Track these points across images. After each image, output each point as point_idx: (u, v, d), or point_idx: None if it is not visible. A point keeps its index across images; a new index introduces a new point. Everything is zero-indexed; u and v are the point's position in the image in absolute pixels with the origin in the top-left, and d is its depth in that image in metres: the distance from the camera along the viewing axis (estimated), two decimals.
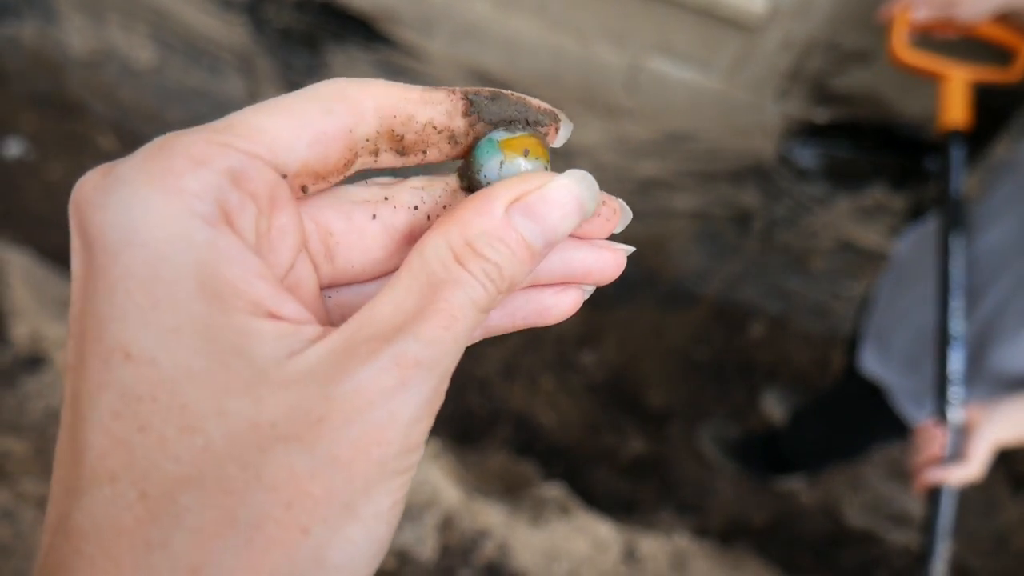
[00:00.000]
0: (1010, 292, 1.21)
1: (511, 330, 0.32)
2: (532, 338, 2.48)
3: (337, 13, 1.84)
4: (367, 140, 0.27)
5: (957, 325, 1.21)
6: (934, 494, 1.19)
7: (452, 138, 0.29)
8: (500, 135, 0.29)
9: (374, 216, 0.28)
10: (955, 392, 1.19)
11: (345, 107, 0.26)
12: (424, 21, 1.77)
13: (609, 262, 0.30)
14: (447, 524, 1.33)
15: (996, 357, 1.24)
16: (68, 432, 0.23)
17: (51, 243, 2.38)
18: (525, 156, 0.28)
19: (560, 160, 2.03)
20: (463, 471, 1.53)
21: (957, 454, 1.17)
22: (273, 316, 0.23)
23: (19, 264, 1.54)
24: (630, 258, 0.30)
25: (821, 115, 1.69)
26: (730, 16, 1.51)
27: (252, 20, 1.94)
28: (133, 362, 0.22)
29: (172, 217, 0.22)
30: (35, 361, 1.43)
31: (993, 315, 1.24)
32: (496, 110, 0.29)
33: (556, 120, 0.31)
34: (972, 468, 1.16)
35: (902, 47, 1.29)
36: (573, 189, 0.27)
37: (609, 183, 2.05)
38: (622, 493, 2.21)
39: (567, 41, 1.70)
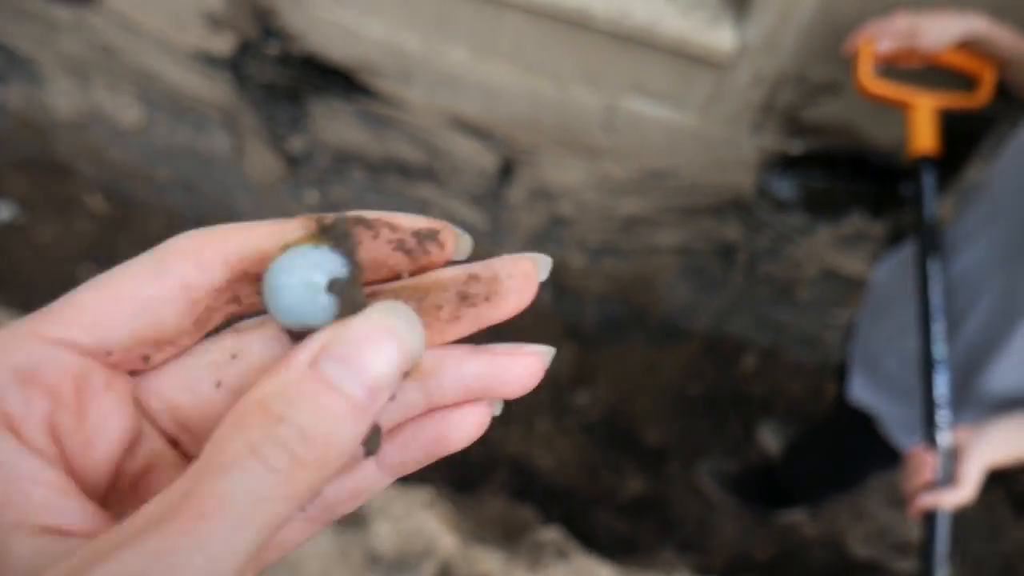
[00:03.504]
0: (990, 314, 1.22)
1: (414, 467, 0.28)
2: None
3: (318, 66, 1.87)
4: (218, 290, 0.24)
5: (940, 349, 1.21)
6: (929, 519, 1.18)
7: None
8: (282, 263, 0.24)
9: (218, 384, 0.25)
10: (943, 416, 1.19)
11: (180, 263, 0.24)
12: (402, 71, 1.80)
13: (519, 372, 0.26)
14: (444, 573, 1.32)
15: (983, 379, 1.25)
16: None
17: (38, 304, 2.38)
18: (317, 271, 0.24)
19: (543, 202, 2.05)
20: (459, 518, 1.52)
21: (949, 478, 1.17)
22: (46, 530, 0.20)
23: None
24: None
25: (796, 147, 1.72)
26: (700, 54, 1.54)
27: (235, 76, 1.97)
28: None
29: None
30: None
31: (976, 337, 1.25)
32: (351, 242, 0.26)
33: (435, 235, 0.27)
34: (964, 491, 1.15)
35: (868, 78, 1.32)
36: (382, 322, 0.22)
37: (593, 222, 2.06)
38: (622, 533, 2.19)
39: (543, 85, 1.73)
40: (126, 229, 2.60)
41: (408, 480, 2.16)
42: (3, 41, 2.16)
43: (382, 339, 0.22)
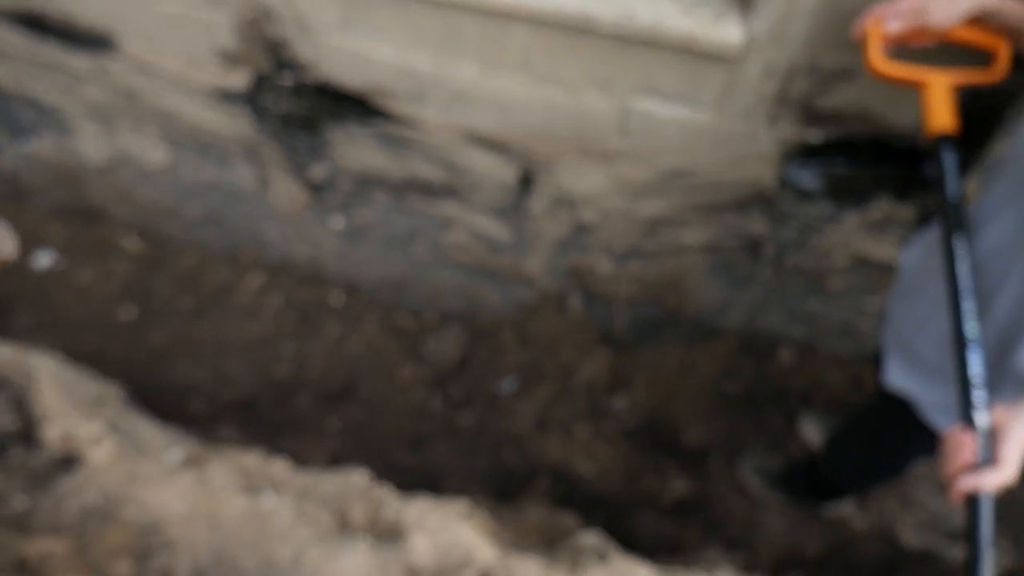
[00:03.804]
0: (1021, 289, 1.20)
1: None
2: (562, 389, 2.47)
3: (332, 94, 1.91)
4: None
5: (971, 328, 1.19)
6: (972, 502, 1.15)
7: None
8: None
9: None
10: (979, 396, 1.17)
11: None
12: (415, 92, 1.82)
13: None
14: None
15: (1018, 356, 1.22)
16: None
17: (83, 346, 2.45)
18: None
19: (565, 210, 2.05)
20: (498, 528, 1.52)
21: (989, 459, 1.15)
22: None
23: (47, 369, 1.59)
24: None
25: (814, 135, 1.70)
26: (709, 50, 1.54)
27: (253, 110, 2.01)
28: None
29: None
30: (68, 461, 1.47)
31: (1008, 314, 1.22)
32: None
33: None
34: (1006, 471, 1.13)
35: (879, 60, 1.30)
36: None
37: (617, 227, 2.06)
38: (667, 535, 2.17)
39: (555, 94, 1.74)
40: (161, 267, 2.66)
41: (444, 492, 2.17)
42: (30, 94, 2.23)
43: None
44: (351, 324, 2.59)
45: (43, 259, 2.65)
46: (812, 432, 2.27)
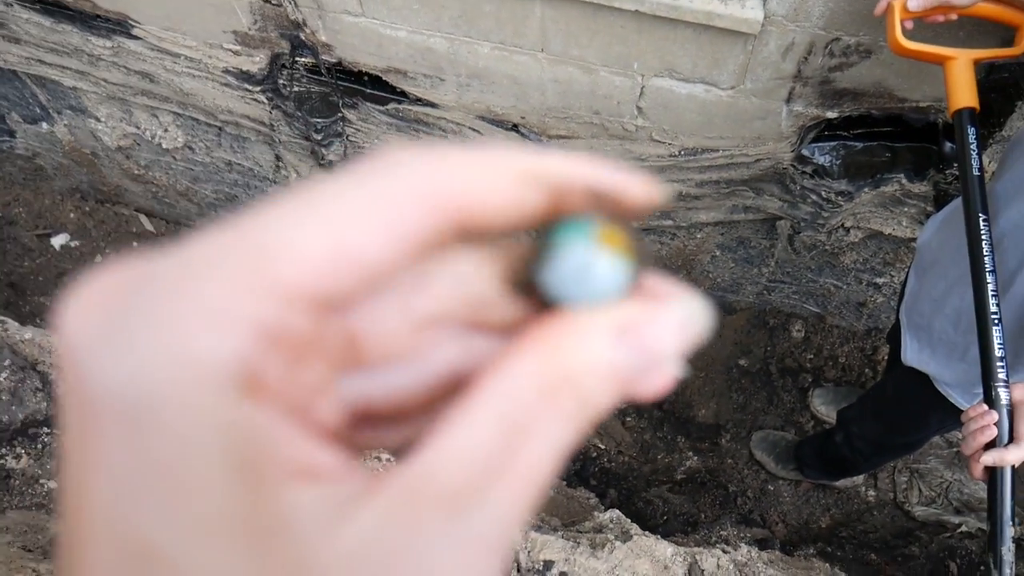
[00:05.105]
0: None
1: None
2: None
3: (348, 74, 1.90)
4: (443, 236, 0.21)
5: (994, 305, 1.20)
6: (993, 478, 1.17)
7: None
8: (585, 226, 0.22)
9: (400, 309, 0.22)
10: (1001, 372, 1.18)
11: (411, 209, 0.21)
12: (431, 71, 1.82)
13: (653, 380, 0.22)
14: (508, 561, 1.35)
15: None
16: None
17: None
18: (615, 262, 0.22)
19: None
20: None
21: (1010, 435, 1.16)
22: (312, 476, 0.20)
23: None
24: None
25: (832, 112, 1.70)
26: (727, 27, 1.53)
27: (269, 91, 2.01)
28: (149, 562, 0.18)
29: (188, 392, 0.18)
30: None
31: None
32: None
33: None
34: None
35: (902, 37, 1.30)
36: (689, 320, 0.22)
37: None
38: (683, 511, 2.20)
39: (572, 72, 1.74)
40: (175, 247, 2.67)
41: None
42: (47, 76, 2.23)
43: (681, 339, 0.22)
44: None
45: (59, 238, 2.66)
46: (825, 407, 2.29)
